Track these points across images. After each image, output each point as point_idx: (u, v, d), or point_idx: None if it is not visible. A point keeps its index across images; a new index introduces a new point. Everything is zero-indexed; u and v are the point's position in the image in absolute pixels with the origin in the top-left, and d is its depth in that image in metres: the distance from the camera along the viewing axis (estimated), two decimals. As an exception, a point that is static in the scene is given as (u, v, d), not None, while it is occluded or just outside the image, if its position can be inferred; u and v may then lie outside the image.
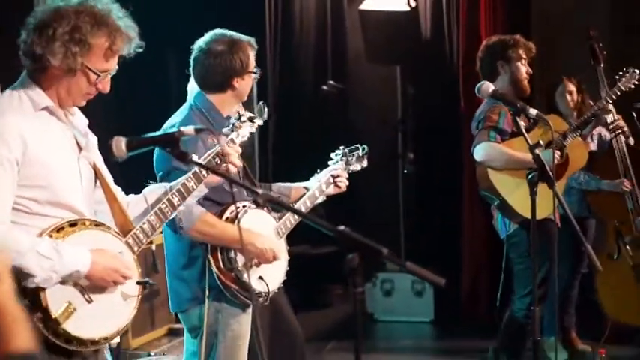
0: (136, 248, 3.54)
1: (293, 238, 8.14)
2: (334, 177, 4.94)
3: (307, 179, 5.23)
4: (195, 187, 3.79)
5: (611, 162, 6.76)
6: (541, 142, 4.76)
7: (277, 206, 4.60)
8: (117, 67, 3.50)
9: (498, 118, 5.69)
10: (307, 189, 4.92)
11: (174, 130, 3.58)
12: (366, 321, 8.67)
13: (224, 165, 3.84)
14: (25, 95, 3.39)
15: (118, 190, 3.73)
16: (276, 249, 4.46)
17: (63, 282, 3.28)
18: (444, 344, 8.21)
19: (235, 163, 3.94)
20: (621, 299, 7.07)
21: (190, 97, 4.95)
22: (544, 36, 8.77)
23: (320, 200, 4.93)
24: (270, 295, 4.48)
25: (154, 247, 6.85)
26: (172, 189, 3.74)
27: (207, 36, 4.55)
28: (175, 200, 3.70)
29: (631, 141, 6.71)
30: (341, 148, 5.16)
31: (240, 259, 4.30)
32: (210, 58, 4.49)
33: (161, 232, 6.56)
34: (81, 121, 3.61)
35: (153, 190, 3.82)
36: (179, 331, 6.94)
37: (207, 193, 4.19)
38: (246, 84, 4.61)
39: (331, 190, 4.96)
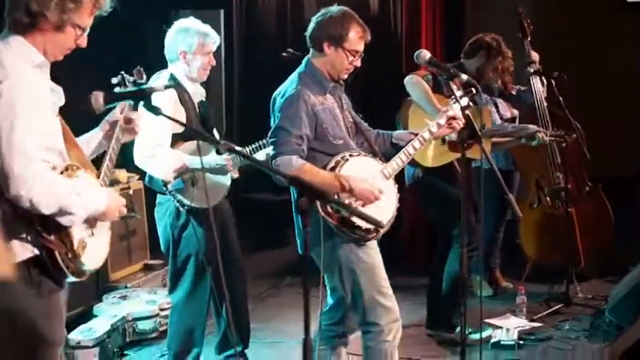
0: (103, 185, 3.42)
1: (257, 186, 8.20)
2: (450, 118, 4.67)
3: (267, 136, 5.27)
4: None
5: (533, 121, 6.72)
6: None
7: (235, 153, 4.52)
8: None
9: (439, 77, 5.67)
10: (414, 134, 4.69)
11: (146, 86, 3.56)
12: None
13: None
14: (21, 53, 3.21)
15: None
16: (377, 189, 4.29)
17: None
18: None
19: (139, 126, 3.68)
20: (540, 243, 7.17)
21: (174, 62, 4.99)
22: (476, 12, 8.82)
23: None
24: (381, 230, 4.33)
25: (131, 192, 6.89)
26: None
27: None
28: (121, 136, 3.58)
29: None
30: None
31: (344, 201, 4.22)
32: (325, 18, 4.43)
33: (139, 179, 6.66)
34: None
35: (93, 134, 3.66)
36: (154, 267, 7.01)
37: (316, 145, 4.26)
38: (336, 55, 4.42)
39: (442, 131, 4.72)
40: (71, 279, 3.28)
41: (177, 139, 4.80)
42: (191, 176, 4.79)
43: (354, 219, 4.22)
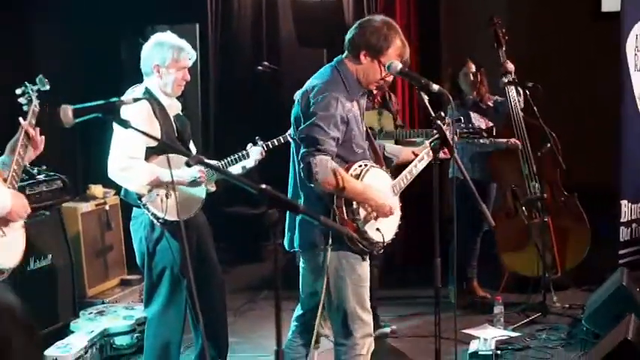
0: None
1: (233, 200, 8.15)
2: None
3: (244, 148, 5.32)
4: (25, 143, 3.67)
5: (508, 131, 6.84)
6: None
7: (208, 167, 4.55)
8: None
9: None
10: (415, 153, 4.75)
11: (116, 99, 3.54)
12: (295, 271, 8.62)
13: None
14: None
15: None
16: (393, 205, 4.37)
17: None
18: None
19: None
20: (517, 253, 7.17)
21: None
22: (451, 22, 8.82)
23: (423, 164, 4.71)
24: (385, 244, 4.40)
25: (107, 207, 6.86)
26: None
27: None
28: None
29: None
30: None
31: (362, 212, 4.24)
32: (368, 27, 4.36)
33: (115, 194, 6.65)
34: None
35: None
36: (131, 282, 6.98)
37: (338, 149, 4.21)
38: (371, 66, 4.36)
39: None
40: None
41: (151, 153, 4.73)
42: (165, 189, 4.75)
43: (367, 229, 4.26)
